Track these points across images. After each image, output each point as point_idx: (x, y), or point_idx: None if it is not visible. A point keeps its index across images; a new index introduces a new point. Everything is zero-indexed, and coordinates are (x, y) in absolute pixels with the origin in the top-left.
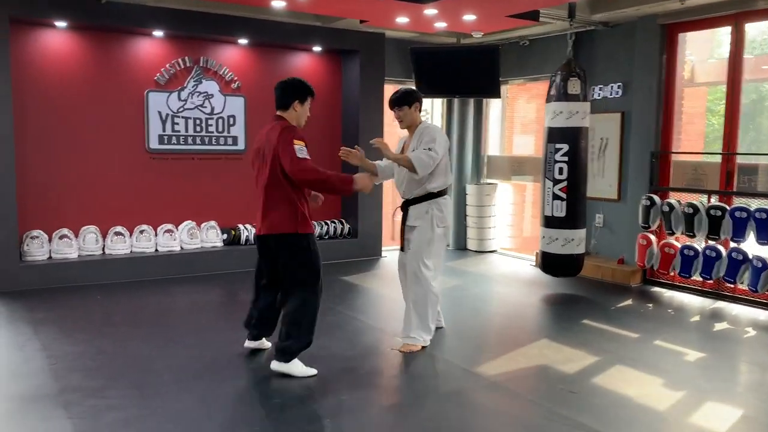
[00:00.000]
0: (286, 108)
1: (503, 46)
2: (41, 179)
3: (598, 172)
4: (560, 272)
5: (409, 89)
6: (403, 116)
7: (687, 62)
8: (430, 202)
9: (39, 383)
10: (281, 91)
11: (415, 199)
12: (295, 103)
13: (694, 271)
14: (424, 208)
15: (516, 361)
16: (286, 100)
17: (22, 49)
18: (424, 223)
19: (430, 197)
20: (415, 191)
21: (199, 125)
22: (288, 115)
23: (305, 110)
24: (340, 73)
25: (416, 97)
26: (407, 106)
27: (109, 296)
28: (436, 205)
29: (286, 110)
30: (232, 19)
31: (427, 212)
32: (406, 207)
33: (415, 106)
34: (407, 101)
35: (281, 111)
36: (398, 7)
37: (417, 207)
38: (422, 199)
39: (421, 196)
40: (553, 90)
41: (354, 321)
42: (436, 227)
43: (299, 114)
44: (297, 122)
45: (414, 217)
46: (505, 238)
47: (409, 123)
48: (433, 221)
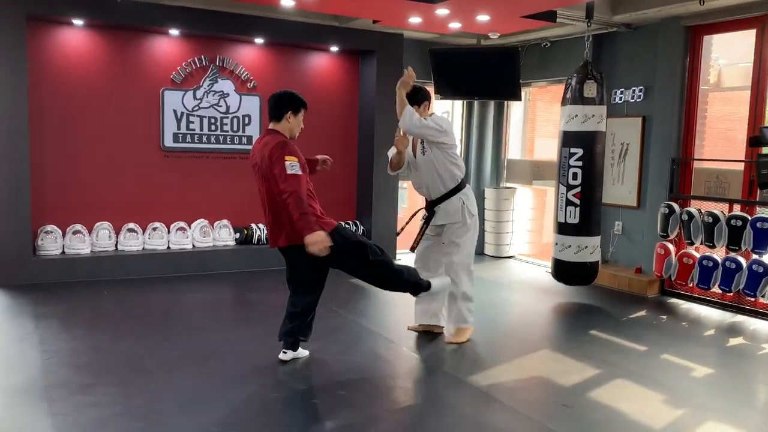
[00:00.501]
0: (279, 119)
1: (525, 48)
2: (56, 175)
3: (618, 178)
4: (573, 280)
5: (418, 87)
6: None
7: (713, 65)
8: (459, 195)
9: (29, 377)
10: (275, 102)
11: (443, 196)
12: (288, 114)
13: (713, 282)
14: (456, 203)
15: (512, 371)
16: (280, 112)
17: (39, 47)
18: (459, 218)
19: (458, 189)
20: (441, 187)
21: (214, 124)
22: (281, 126)
23: (298, 122)
24: (358, 73)
25: (425, 96)
26: (417, 105)
27: (117, 293)
28: (464, 195)
29: (279, 122)
30: (249, 18)
31: (461, 207)
32: (432, 207)
33: (424, 105)
34: (416, 100)
35: (274, 123)
36: (409, 6)
37: (448, 204)
38: (450, 194)
39: (450, 191)
40: (569, 93)
41: (354, 325)
42: (470, 216)
43: (292, 125)
44: (290, 134)
45: (450, 214)
46: (524, 243)
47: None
48: (466, 213)
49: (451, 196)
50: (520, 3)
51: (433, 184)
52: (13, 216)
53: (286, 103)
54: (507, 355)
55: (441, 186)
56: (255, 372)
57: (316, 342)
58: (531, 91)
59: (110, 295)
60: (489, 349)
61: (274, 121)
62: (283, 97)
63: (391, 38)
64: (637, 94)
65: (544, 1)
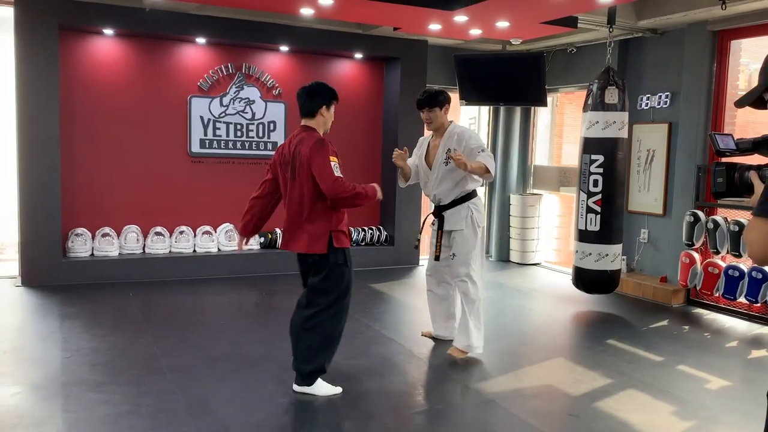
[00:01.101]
0: (313, 115)
1: (551, 54)
2: (87, 179)
3: (644, 185)
4: (593, 289)
5: (439, 90)
6: (434, 118)
7: (743, 70)
8: (468, 204)
9: (49, 373)
10: (306, 98)
11: (451, 203)
12: (322, 108)
13: (739, 293)
14: (463, 211)
15: (522, 380)
16: (312, 107)
17: (70, 55)
18: (466, 227)
19: (467, 198)
20: (453, 194)
21: (240, 130)
22: (315, 122)
23: (331, 115)
24: (382, 80)
25: (446, 98)
26: (438, 108)
27: (142, 294)
28: (473, 205)
29: (313, 117)
30: (274, 26)
31: (468, 215)
32: (439, 213)
33: (445, 108)
34: (438, 102)
35: (307, 119)
36: (428, 13)
37: (456, 211)
38: (458, 202)
39: (458, 199)
40: (590, 99)
41: (368, 329)
42: (477, 228)
43: (326, 120)
44: (324, 128)
45: (454, 221)
46: (550, 251)
47: (438, 125)
48: (474, 223)
49: (460, 204)
50: (538, 9)
51: (447, 194)
52: (45, 219)
53: (319, 98)
54: (519, 363)
55: (453, 194)
56: (265, 375)
57: None
58: (558, 96)
59: (135, 297)
60: (501, 357)
61: (306, 118)
62: (315, 91)
63: (415, 45)
64: (664, 100)
65: (563, 7)
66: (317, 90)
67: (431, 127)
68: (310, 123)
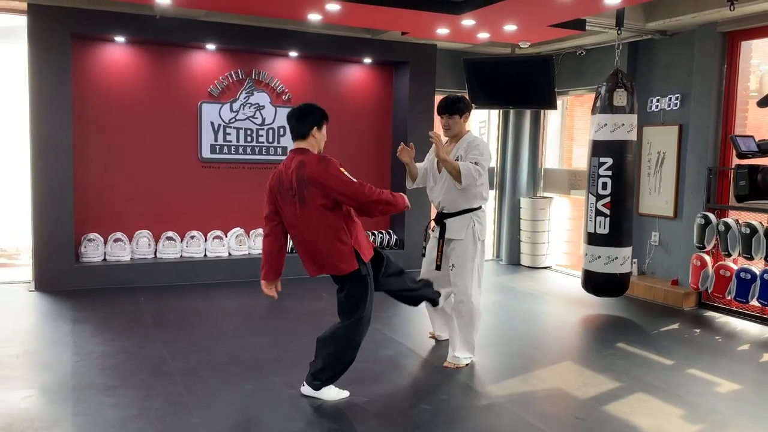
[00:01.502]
0: (305, 137)
1: (560, 56)
2: (99, 185)
3: (655, 187)
4: (602, 292)
5: (461, 97)
6: (453, 125)
7: (753, 71)
8: (471, 215)
9: (60, 377)
10: (297, 120)
11: (454, 213)
12: (313, 130)
13: (751, 296)
14: (465, 221)
15: (530, 383)
16: (304, 129)
17: (83, 62)
18: (466, 237)
19: (471, 210)
20: (458, 205)
21: (250, 135)
22: (308, 144)
23: (323, 135)
24: (391, 84)
25: (467, 106)
26: (458, 115)
27: (153, 299)
28: (477, 217)
29: (305, 139)
30: (283, 32)
31: (469, 225)
32: (442, 220)
33: (465, 116)
34: (459, 110)
35: (299, 141)
36: (435, 18)
37: (458, 220)
38: (463, 212)
39: (464, 210)
40: (598, 102)
41: (376, 333)
42: (478, 240)
43: (318, 141)
44: (318, 149)
45: (455, 230)
46: (561, 254)
47: (456, 132)
48: (475, 235)
49: (464, 214)
50: (545, 12)
51: (451, 204)
52: (58, 224)
53: (310, 118)
54: (528, 366)
55: (458, 204)
56: (274, 379)
57: None
58: (568, 99)
59: (146, 301)
60: (510, 360)
61: (299, 140)
62: (305, 113)
63: (423, 49)
64: (674, 102)
65: (570, 10)
66: (307, 111)
67: (449, 133)
68: (303, 145)
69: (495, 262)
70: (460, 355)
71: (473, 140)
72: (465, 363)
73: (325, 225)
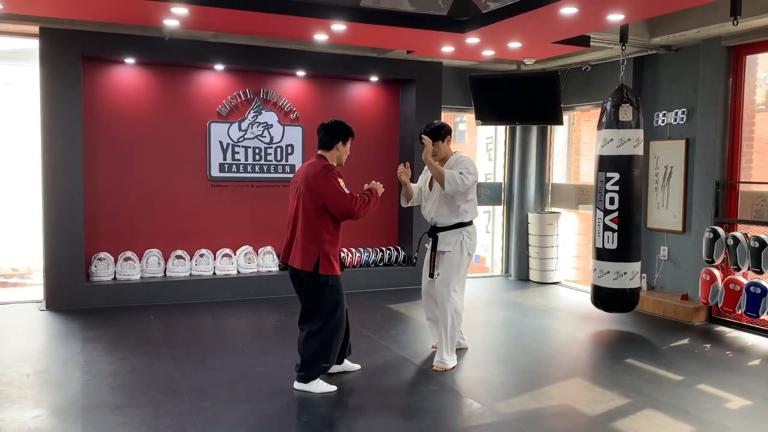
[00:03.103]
0: (330, 148)
1: (566, 72)
2: (109, 204)
3: (662, 202)
4: (612, 307)
5: (441, 123)
6: (438, 150)
7: (760, 85)
8: (462, 229)
9: (70, 396)
10: (326, 132)
11: (447, 227)
12: (338, 144)
13: (761, 310)
14: (456, 235)
15: (538, 399)
16: (330, 141)
17: (93, 84)
18: (455, 248)
19: (462, 225)
20: (449, 219)
21: (258, 154)
22: (330, 154)
23: (347, 150)
24: (398, 102)
25: (448, 131)
26: (441, 141)
27: (163, 317)
28: (467, 232)
29: (329, 150)
30: (290, 52)
31: (459, 239)
32: (434, 234)
33: (447, 140)
34: (441, 135)
35: (324, 150)
36: (440, 36)
37: (449, 234)
38: (454, 227)
39: (455, 224)
40: (604, 117)
41: (385, 350)
42: (466, 253)
43: (341, 153)
44: (338, 161)
45: (446, 242)
46: (570, 269)
47: (443, 156)
48: (464, 247)
49: (455, 228)
50: (549, 29)
51: (443, 219)
52: (69, 244)
53: (337, 133)
54: (536, 383)
55: (449, 219)
56: (281, 397)
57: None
58: (575, 114)
59: (156, 320)
60: (518, 377)
61: (323, 149)
62: (333, 127)
63: (429, 66)
64: (680, 116)
65: (574, 27)
66: (335, 126)
67: (436, 158)
68: (325, 154)
69: (504, 278)
70: (447, 358)
71: (460, 158)
72: (451, 365)
73: (307, 222)
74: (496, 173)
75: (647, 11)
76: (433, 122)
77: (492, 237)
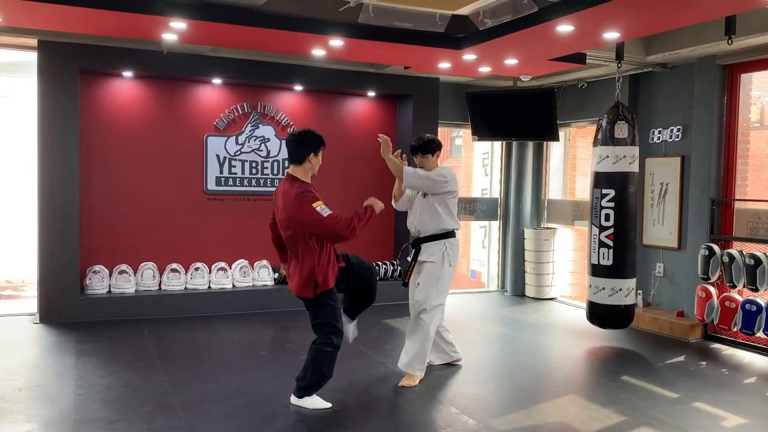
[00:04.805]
0: (301, 162)
1: (562, 89)
2: (105, 217)
3: (658, 218)
4: (607, 324)
5: (432, 137)
6: (426, 163)
7: (754, 103)
8: (444, 241)
9: (62, 411)
10: (295, 145)
11: (428, 237)
12: (310, 156)
13: (757, 328)
14: (439, 246)
15: (534, 417)
16: (301, 155)
17: (91, 96)
18: (437, 259)
19: (444, 236)
20: (431, 229)
21: (255, 168)
22: (302, 168)
23: (319, 160)
24: (395, 117)
25: (438, 146)
26: (430, 155)
27: (157, 331)
28: (450, 243)
29: (301, 164)
30: (288, 66)
31: (442, 250)
32: (417, 245)
33: (436, 155)
34: (430, 149)
35: (295, 165)
36: (437, 53)
37: (432, 245)
38: (436, 238)
39: (436, 235)
40: (600, 134)
41: (380, 366)
42: (448, 265)
43: (313, 165)
44: (312, 173)
45: (429, 253)
46: (566, 285)
47: (430, 169)
48: (445, 258)
49: (437, 239)
50: (545, 47)
51: (425, 226)
52: (63, 257)
53: (308, 145)
54: (532, 400)
55: (430, 228)
56: (277, 412)
57: (340, 382)
58: (571, 131)
59: (150, 334)
60: (514, 394)
61: (294, 164)
62: (303, 140)
63: (426, 82)
64: (675, 133)
65: (570, 44)
66: (305, 138)
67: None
68: (296, 170)
69: (500, 293)
70: (417, 367)
71: (443, 168)
72: (419, 373)
73: (296, 249)
74: (493, 189)
75: (643, 30)
76: (424, 135)
77: (488, 252)
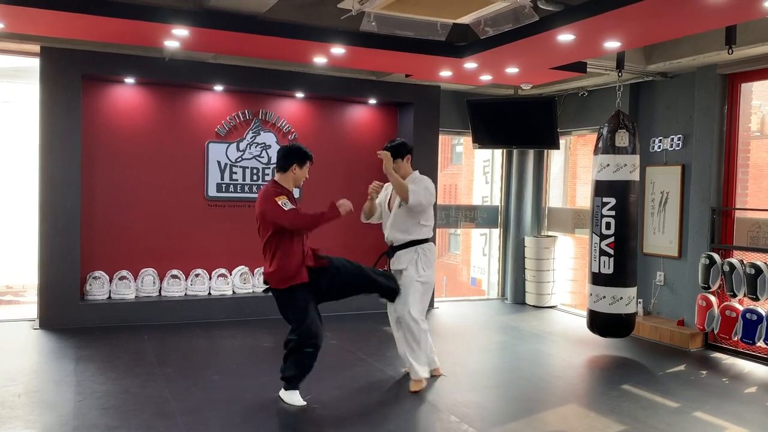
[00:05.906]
0: (286, 170)
1: (563, 97)
2: (105, 223)
3: (659, 227)
4: (608, 332)
5: (402, 142)
6: (397, 167)
7: (755, 112)
8: (417, 248)
9: (61, 417)
10: (283, 155)
11: (402, 245)
12: (294, 166)
13: (757, 337)
14: (411, 254)
15: (533, 425)
16: (286, 164)
17: (93, 102)
18: (410, 267)
19: (417, 243)
20: (406, 237)
21: (255, 174)
22: (286, 176)
23: (303, 173)
24: (396, 124)
25: (408, 150)
26: (400, 159)
27: (157, 337)
28: (422, 250)
29: (285, 172)
30: (290, 74)
31: (414, 258)
32: (392, 253)
33: (407, 158)
34: (400, 153)
35: (280, 173)
36: (438, 61)
37: (405, 253)
38: (409, 245)
39: (409, 242)
40: (600, 142)
41: (380, 373)
42: (422, 270)
43: (297, 176)
44: (294, 183)
45: (400, 261)
46: (566, 293)
47: (402, 174)
48: (418, 266)
49: (409, 247)
50: (546, 55)
51: (400, 235)
52: (64, 262)
53: (294, 156)
54: (532, 408)
55: (403, 237)
56: (275, 419)
57: (339, 389)
58: (572, 139)
59: (150, 340)
60: (515, 403)
61: (280, 171)
62: (291, 151)
63: (428, 90)
64: (676, 142)
65: (571, 53)
66: (293, 151)
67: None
68: (280, 177)
69: (500, 301)
70: (421, 374)
71: (419, 177)
72: (424, 380)
73: (268, 246)
74: (493, 196)
75: (643, 39)
76: (395, 139)
77: (488, 260)
